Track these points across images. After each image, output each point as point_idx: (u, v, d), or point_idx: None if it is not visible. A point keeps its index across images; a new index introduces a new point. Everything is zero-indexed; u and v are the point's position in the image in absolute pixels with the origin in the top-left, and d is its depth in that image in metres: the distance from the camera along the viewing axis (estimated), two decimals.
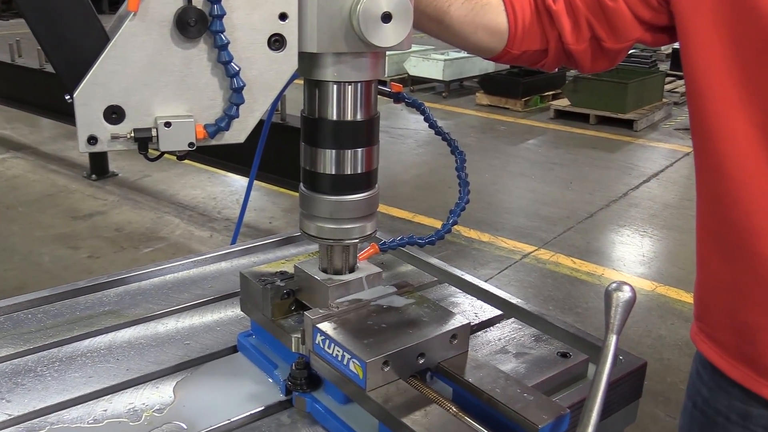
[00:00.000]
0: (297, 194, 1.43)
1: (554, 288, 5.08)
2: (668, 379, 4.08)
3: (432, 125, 1.50)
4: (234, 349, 1.55)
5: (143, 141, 1.17)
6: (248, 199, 2.57)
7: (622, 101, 9.44)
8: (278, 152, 4.11)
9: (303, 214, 1.39)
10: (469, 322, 1.33)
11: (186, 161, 6.71)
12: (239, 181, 6.72)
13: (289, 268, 1.48)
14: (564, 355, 1.50)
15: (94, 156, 6.85)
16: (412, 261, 1.97)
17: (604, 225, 6.29)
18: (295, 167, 1.42)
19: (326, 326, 1.30)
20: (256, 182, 2.69)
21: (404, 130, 9.05)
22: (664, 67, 12.31)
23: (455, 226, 1.48)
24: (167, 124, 1.17)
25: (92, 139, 1.16)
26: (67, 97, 1.14)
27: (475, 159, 7.75)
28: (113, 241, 5.61)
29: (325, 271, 1.42)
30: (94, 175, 6.98)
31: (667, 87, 11.02)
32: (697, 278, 1.35)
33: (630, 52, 10.76)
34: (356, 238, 1.37)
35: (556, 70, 1.54)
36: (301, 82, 1.32)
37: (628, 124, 9.49)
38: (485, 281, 1.82)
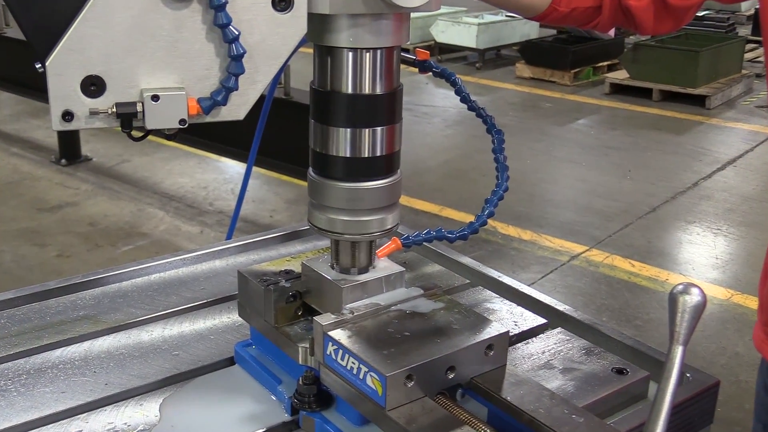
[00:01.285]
0: (304, 182, 1.45)
1: (609, 296, 5.08)
2: (746, 406, 4.06)
3: (464, 99, 1.51)
4: (231, 361, 1.57)
5: (127, 117, 1.18)
6: (246, 189, 2.60)
7: (692, 73, 9.41)
8: (282, 132, 4.15)
9: (312, 204, 1.40)
10: (508, 331, 1.34)
11: (173, 143, 6.68)
12: (235, 168, 6.75)
13: (295, 267, 1.50)
14: (620, 372, 1.51)
15: (64, 137, 6.93)
16: (440, 260, 1.98)
17: (670, 221, 6.27)
18: (303, 150, 1.45)
19: (339, 334, 1.31)
20: (255, 168, 2.73)
21: (431, 108, 9.07)
22: (744, 31, 12.22)
23: (491, 220, 1.50)
24: (155, 98, 1.19)
25: (68, 115, 1.18)
26: (38, 66, 1.15)
27: (515, 142, 7.76)
28: (86, 238, 5.67)
29: (337, 269, 1.43)
30: (63, 160, 7.06)
31: (748, 56, 10.96)
32: (764, 274, 1.32)
33: (702, 13, 10.57)
34: (375, 233, 1.38)
35: (612, 33, 1.54)
36: (310, 49, 1.34)
37: (699, 101, 9.45)
38: (529, 285, 1.83)
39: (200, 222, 5.87)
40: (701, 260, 5.62)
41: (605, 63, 10.76)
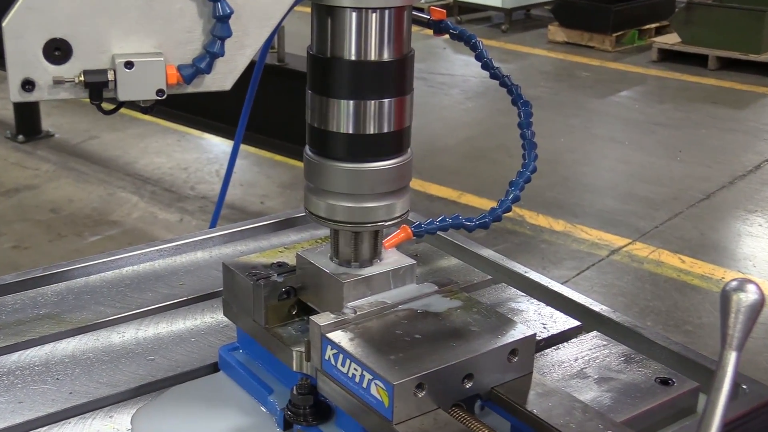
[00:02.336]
0: (301, 163, 1.46)
1: (655, 296, 5.07)
2: None
3: (486, 65, 1.51)
4: (214, 368, 1.59)
5: (96, 87, 1.19)
6: (232, 171, 2.61)
7: (755, 37, 9.35)
8: (274, 105, 4.21)
9: (309, 188, 1.41)
10: (535, 335, 1.35)
11: (149, 117, 6.65)
12: (220, 146, 6.76)
13: (289, 259, 1.51)
14: (665, 382, 1.51)
15: (21, 109, 6.92)
16: (457, 253, 1.99)
17: (727, 210, 6.26)
18: (299, 126, 1.45)
19: (340, 336, 1.32)
20: (243, 147, 2.71)
21: (448, 77, 9.07)
22: None
23: (517, 208, 1.58)
24: (128, 65, 1.19)
25: (28, 84, 1.18)
26: None
27: (547, 117, 7.72)
28: (48, 227, 5.67)
29: (338, 262, 1.44)
30: (21, 136, 7.06)
31: None
32: None
33: None
34: (382, 222, 1.39)
35: None
36: (308, 8, 1.34)
37: (764, 69, 9.40)
38: (562, 284, 1.83)
39: (180, 209, 5.86)
40: (763, 255, 5.60)
41: (652, 25, 10.72)
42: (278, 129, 4.76)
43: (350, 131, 1.33)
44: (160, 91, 1.21)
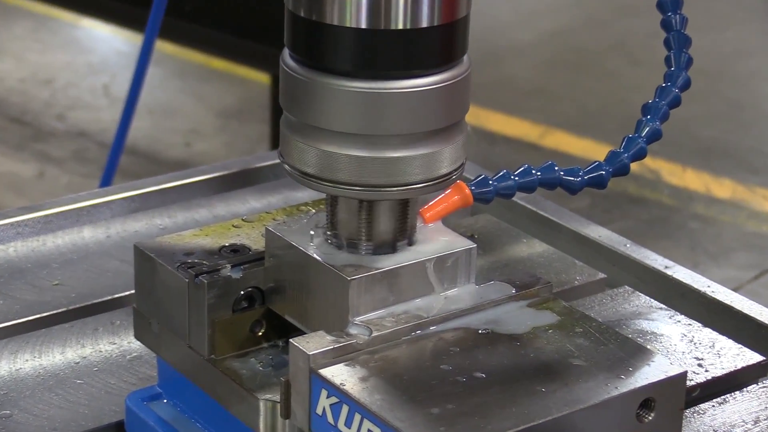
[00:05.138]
0: (260, 74, 1.35)
1: None
2: None
3: None
4: (117, 429, 1.39)
5: None
6: (139, 88, 2.41)
7: None
8: None
9: (289, 123, 1.22)
10: (684, 375, 1.16)
11: None
12: (112, 42, 5.85)
13: (249, 239, 1.35)
14: None
15: None
16: (547, 233, 1.78)
17: None
18: (262, 12, 1.54)
19: (343, 375, 1.13)
20: (159, 45, 2.57)
21: None
22: None
23: (652, 158, 1.31)
24: None
25: None
26: None
27: None
28: None
29: (339, 245, 1.26)
30: None
31: None
32: None
33: None
34: (417, 185, 1.19)
35: None
36: None
37: None
38: (733, 290, 1.61)
39: (38, 153, 4.96)
40: None
41: None
42: (222, 15, 4.12)
43: (363, 25, 1.12)
44: None
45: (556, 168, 1.28)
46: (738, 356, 1.47)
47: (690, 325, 1.54)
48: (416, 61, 1.15)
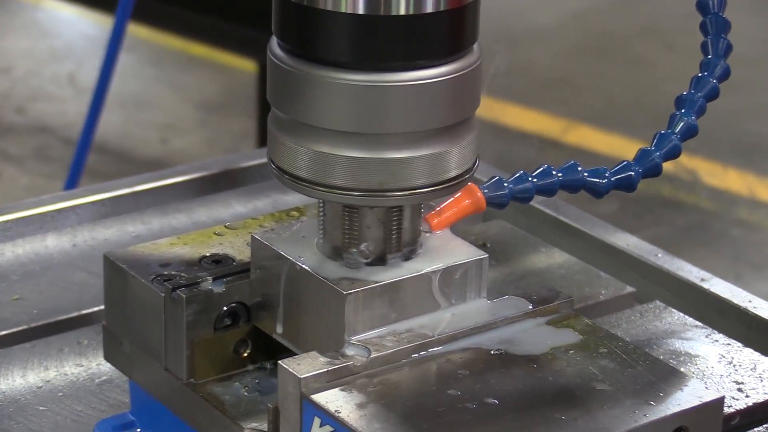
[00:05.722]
0: (244, 62, 1.41)
1: None
2: None
3: None
4: None
5: None
6: (109, 77, 2.25)
7: None
8: None
9: (278, 121, 1.18)
10: (722, 400, 1.12)
11: None
12: (77, 24, 5.68)
13: (233, 248, 1.32)
14: None
15: None
16: (569, 241, 1.73)
17: None
18: None
19: (339, 401, 1.10)
20: (131, 30, 2.52)
21: None
22: None
23: (688, 155, 1.28)
24: None
25: None
26: None
27: None
28: None
29: (334, 255, 1.23)
30: None
31: None
32: None
33: None
34: (423, 190, 1.15)
35: None
36: None
37: None
38: None
39: None
40: None
41: None
42: None
43: (360, 10, 1.10)
44: None
45: (580, 168, 1.24)
46: None
47: (729, 344, 1.48)
48: (420, 51, 1.10)
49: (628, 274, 1.63)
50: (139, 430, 1.34)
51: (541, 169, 1.25)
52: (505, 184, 1.25)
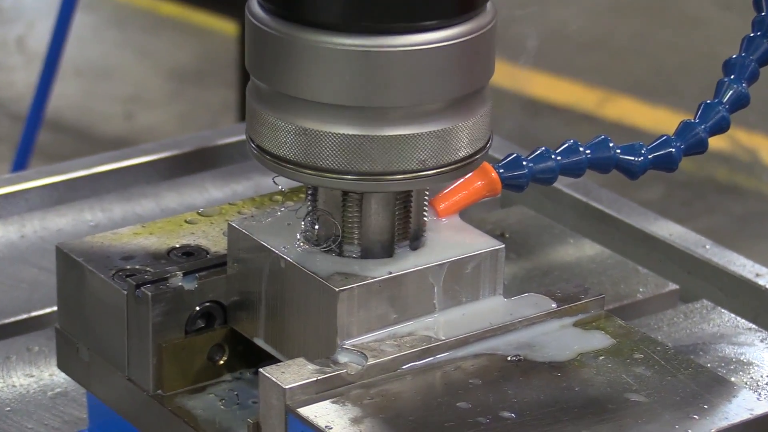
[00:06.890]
0: (221, 23, 1.49)
1: None
2: None
3: None
4: None
5: None
6: (62, 43, 2.33)
7: None
8: None
9: (259, 93, 1.13)
10: None
11: None
12: None
13: (206, 239, 1.28)
14: None
15: None
16: (601, 230, 1.64)
17: None
18: None
19: (330, 415, 1.06)
20: None
21: None
22: None
23: (735, 125, 1.15)
24: None
25: None
26: None
27: None
28: None
29: (323, 246, 1.18)
30: None
31: None
32: None
33: None
34: (427, 173, 1.10)
35: None
36: None
37: None
38: None
39: None
40: None
41: None
42: None
43: None
44: None
45: (612, 144, 1.14)
46: None
47: None
48: (424, 11, 1.03)
49: (670, 269, 1.55)
50: None
51: (566, 145, 1.17)
52: (524, 163, 1.18)
